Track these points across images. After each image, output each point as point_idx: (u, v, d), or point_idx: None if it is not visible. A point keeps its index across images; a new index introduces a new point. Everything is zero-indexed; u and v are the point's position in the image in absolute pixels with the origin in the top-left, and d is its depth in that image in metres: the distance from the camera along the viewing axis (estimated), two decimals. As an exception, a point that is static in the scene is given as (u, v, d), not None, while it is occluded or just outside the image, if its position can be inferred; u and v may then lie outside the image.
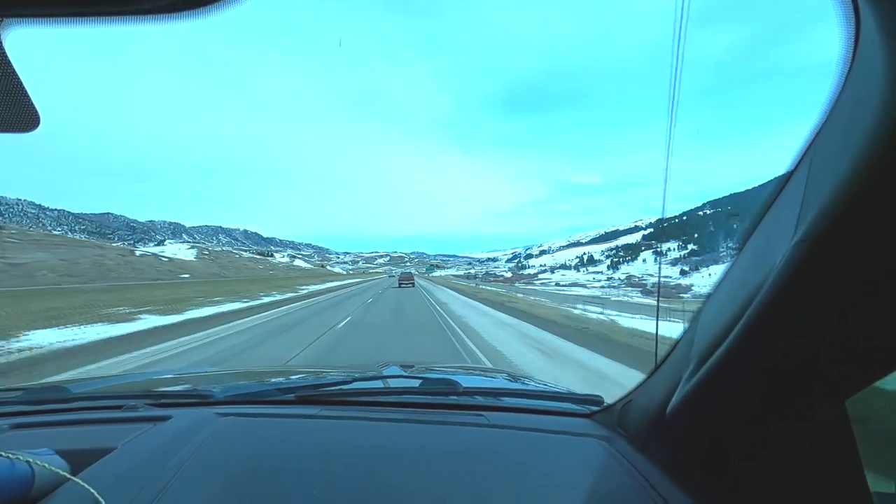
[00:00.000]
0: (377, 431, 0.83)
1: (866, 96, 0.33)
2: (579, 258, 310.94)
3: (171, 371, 1.70)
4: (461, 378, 1.13)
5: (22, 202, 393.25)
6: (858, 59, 0.34)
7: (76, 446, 0.72)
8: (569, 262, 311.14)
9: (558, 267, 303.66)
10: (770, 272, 0.40)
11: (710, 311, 0.55)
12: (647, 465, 0.67)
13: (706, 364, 0.49)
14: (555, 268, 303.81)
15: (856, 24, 0.32)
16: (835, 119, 0.38)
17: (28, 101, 0.36)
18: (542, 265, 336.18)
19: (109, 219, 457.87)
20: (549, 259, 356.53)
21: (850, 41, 0.34)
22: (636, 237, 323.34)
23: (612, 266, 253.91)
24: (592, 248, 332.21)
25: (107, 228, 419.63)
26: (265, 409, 0.93)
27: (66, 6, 0.27)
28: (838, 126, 0.37)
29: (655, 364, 0.72)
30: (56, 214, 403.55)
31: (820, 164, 0.39)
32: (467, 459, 0.72)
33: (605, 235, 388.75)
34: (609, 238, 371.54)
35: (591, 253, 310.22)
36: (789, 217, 0.40)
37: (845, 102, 0.37)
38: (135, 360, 6.16)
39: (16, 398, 1.02)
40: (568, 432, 0.83)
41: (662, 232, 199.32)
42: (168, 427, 0.80)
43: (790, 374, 0.43)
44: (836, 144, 0.37)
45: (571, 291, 58.73)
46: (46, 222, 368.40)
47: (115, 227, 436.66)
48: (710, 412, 0.54)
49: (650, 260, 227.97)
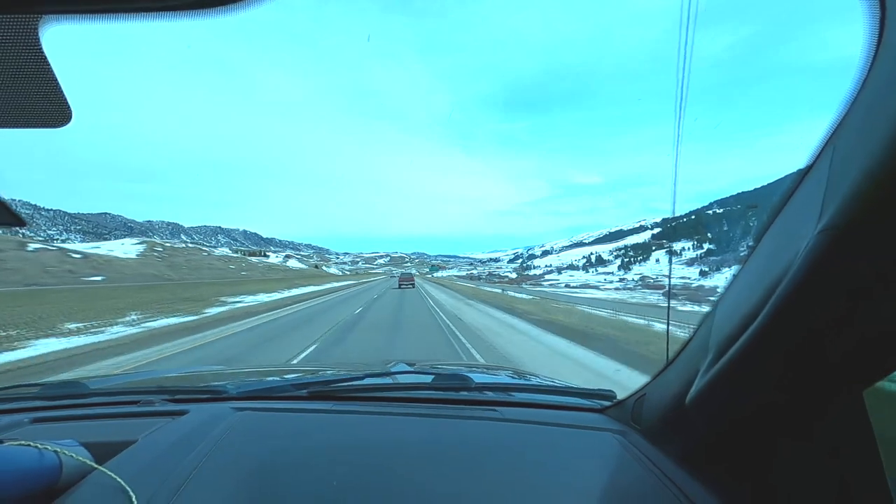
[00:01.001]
0: (391, 426, 0.83)
1: (890, 88, 0.33)
2: (586, 258, 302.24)
3: (182, 369, 1.73)
4: (471, 374, 1.14)
5: (17, 202, 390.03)
6: (882, 50, 0.35)
7: (97, 439, 0.73)
8: (576, 263, 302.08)
9: (565, 267, 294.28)
10: (792, 262, 0.41)
11: (728, 303, 0.56)
12: (663, 458, 0.67)
13: (727, 353, 0.49)
14: (561, 268, 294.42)
15: (881, 17, 0.32)
16: (857, 111, 0.38)
17: (62, 97, 0.37)
18: (548, 265, 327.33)
19: (107, 219, 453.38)
20: (554, 259, 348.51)
21: (874, 35, 0.34)
22: (643, 237, 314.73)
23: (622, 266, 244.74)
24: (597, 248, 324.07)
25: (103, 228, 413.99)
26: (279, 405, 0.94)
27: (98, 2, 0.28)
28: (861, 118, 0.38)
29: (667, 359, 0.73)
30: (51, 214, 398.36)
31: (842, 157, 0.39)
32: (481, 453, 0.72)
33: (610, 235, 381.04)
34: (614, 238, 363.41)
35: (598, 253, 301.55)
36: (810, 209, 0.41)
37: (868, 94, 0.37)
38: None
39: (34, 394, 1.03)
40: (582, 426, 0.83)
41: (673, 231, 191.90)
42: (186, 421, 0.81)
43: (811, 363, 0.43)
44: (860, 136, 0.37)
45: (585, 293, 50.66)
46: (41, 222, 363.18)
47: (112, 227, 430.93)
48: (729, 401, 0.54)
49: (664, 260, 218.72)
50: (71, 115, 0.39)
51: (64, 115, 0.39)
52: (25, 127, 0.39)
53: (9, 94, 0.36)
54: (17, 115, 0.38)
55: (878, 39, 0.34)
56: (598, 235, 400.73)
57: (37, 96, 0.37)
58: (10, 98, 0.37)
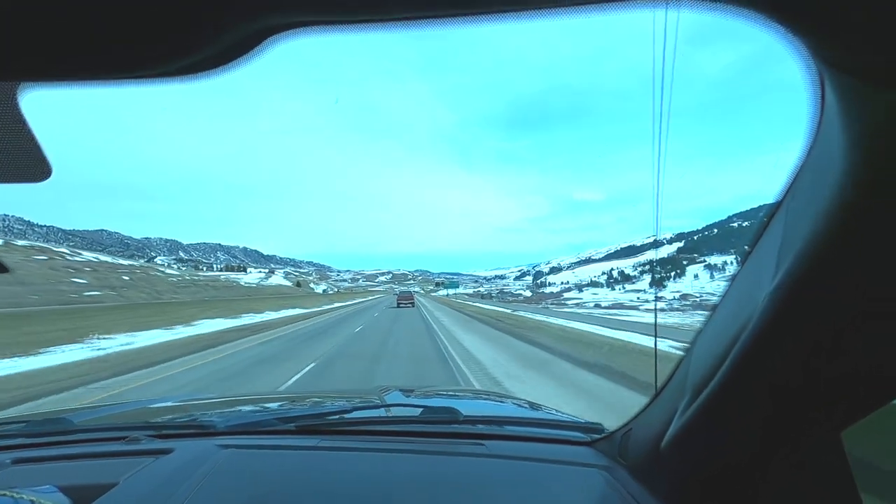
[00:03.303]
0: (378, 462, 0.83)
1: (831, 155, 0.34)
2: (606, 274, 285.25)
3: (172, 398, 1.73)
4: (462, 404, 1.12)
5: (9, 217, 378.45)
6: (825, 119, 0.35)
7: (78, 482, 0.72)
8: (596, 279, 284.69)
9: (586, 284, 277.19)
10: (752, 314, 0.41)
11: (703, 343, 0.55)
12: (647, 496, 0.66)
13: (699, 398, 0.49)
14: (582, 285, 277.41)
15: (821, 91, 0.33)
16: (807, 171, 0.39)
17: (41, 154, 0.37)
18: (564, 282, 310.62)
19: (103, 236, 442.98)
20: (569, 276, 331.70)
21: (817, 103, 0.35)
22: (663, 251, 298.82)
23: (654, 283, 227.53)
24: (612, 264, 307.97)
25: (98, 245, 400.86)
26: (266, 441, 0.93)
27: (79, 74, 0.27)
28: (809, 178, 0.39)
29: (655, 391, 0.72)
30: (45, 231, 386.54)
31: (796, 208, 0.40)
32: (467, 490, 0.72)
33: (622, 251, 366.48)
34: (627, 254, 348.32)
35: (620, 268, 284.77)
36: (769, 259, 0.41)
37: (815, 158, 0.38)
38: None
39: (18, 430, 1.02)
40: (568, 462, 0.83)
41: (695, 245, 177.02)
42: (170, 461, 0.80)
43: (783, 408, 0.43)
44: (808, 195, 0.38)
45: (629, 316, 35.70)
46: (33, 238, 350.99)
47: (108, 244, 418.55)
48: (704, 447, 0.53)
49: (703, 275, 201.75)
50: (50, 170, 0.38)
51: (43, 171, 0.38)
52: (4, 182, 0.38)
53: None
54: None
55: (821, 107, 0.35)
56: (608, 251, 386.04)
57: (15, 155, 0.36)
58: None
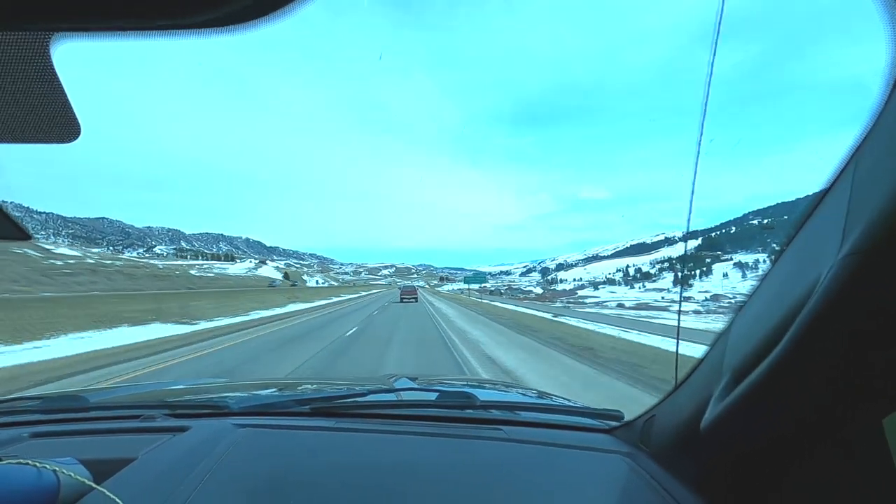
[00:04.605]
0: (395, 445, 0.82)
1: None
2: (622, 271, 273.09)
3: (185, 381, 1.72)
4: (476, 391, 1.12)
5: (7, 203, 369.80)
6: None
7: (97, 455, 0.72)
8: (612, 276, 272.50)
9: (602, 282, 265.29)
10: (814, 287, 0.40)
11: (743, 326, 0.55)
12: (673, 482, 0.66)
13: (746, 380, 0.48)
14: (597, 283, 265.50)
15: None
16: (880, 131, 0.37)
17: (72, 112, 0.37)
18: (577, 279, 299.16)
19: (104, 224, 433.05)
20: (580, 272, 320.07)
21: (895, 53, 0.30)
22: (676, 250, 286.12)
23: (677, 282, 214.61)
24: (622, 262, 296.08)
25: (98, 233, 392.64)
26: (281, 421, 0.93)
27: (113, 20, 0.27)
28: (885, 138, 0.37)
29: (677, 380, 0.72)
30: (43, 218, 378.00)
31: (866, 177, 0.38)
32: (486, 474, 0.72)
33: (631, 248, 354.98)
34: (637, 251, 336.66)
35: (637, 265, 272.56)
36: (832, 231, 0.40)
37: (891, 114, 0.36)
38: None
39: (34, 406, 1.02)
40: (588, 447, 0.81)
41: (713, 242, 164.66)
42: (187, 438, 0.80)
43: (837, 391, 0.42)
44: (885, 156, 0.36)
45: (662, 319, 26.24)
46: (31, 225, 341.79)
47: (108, 233, 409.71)
48: (747, 430, 0.52)
49: (734, 275, 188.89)
50: (80, 130, 0.38)
51: (73, 131, 0.38)
52: (34, 142, 0.38)
53: (18, 110, 0.36)
54: (27, 131, 0.38)
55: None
56: (616, 249, 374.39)
57: (46, 112, 0.36)
58: (19, 114, 0.36)
